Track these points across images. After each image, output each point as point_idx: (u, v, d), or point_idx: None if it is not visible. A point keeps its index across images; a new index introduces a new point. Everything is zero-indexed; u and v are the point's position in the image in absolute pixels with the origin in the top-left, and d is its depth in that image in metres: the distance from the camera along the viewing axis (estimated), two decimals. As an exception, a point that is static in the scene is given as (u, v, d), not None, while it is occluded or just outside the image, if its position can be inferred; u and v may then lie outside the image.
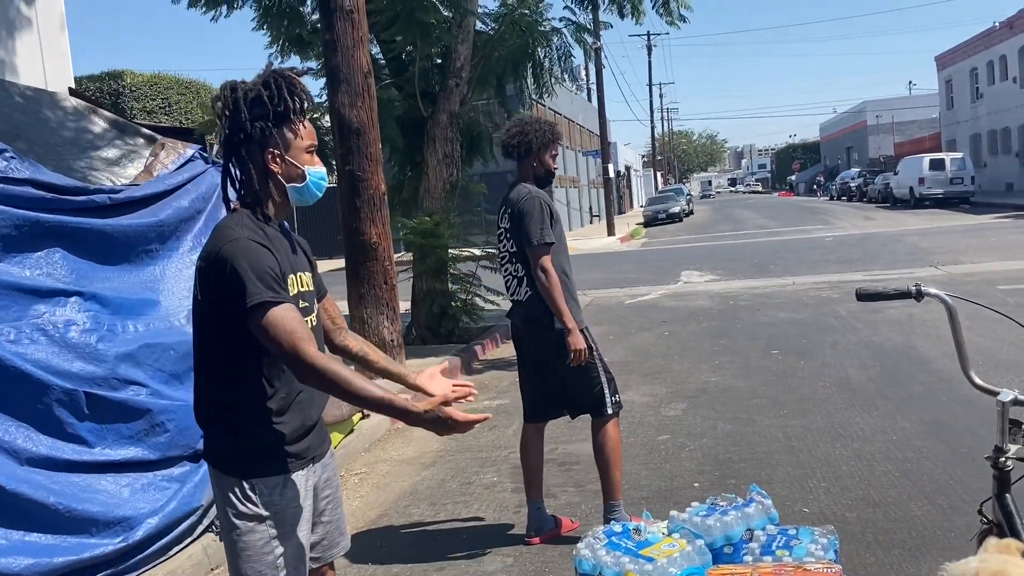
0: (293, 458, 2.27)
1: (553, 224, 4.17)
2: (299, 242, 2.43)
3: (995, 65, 38.48)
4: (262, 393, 2.21)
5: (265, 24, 10.54)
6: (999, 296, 10.03)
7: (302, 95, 2.24)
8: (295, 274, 2.28)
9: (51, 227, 3.90)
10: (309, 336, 2.12)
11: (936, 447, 5.10)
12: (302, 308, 2.26)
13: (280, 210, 2.32)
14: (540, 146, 4.26)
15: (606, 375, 4.21)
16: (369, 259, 7.97)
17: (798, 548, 3.18)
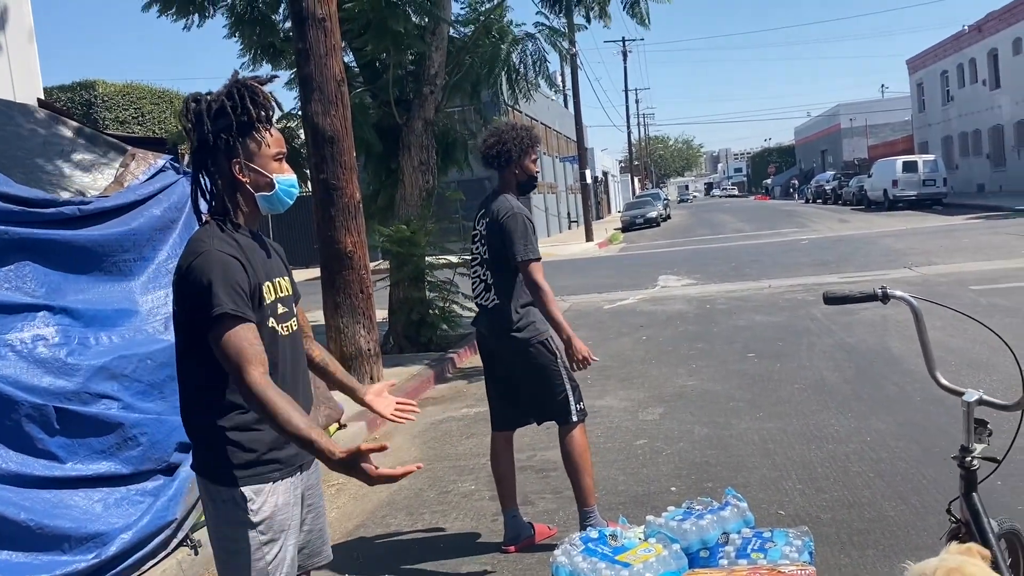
0: (280, 465, 2.27)
1: (534, 230, 4.19)
2: (274, 247, 2.44)
3: (965, 68, 39.03)
4: None
5: (237, 32, 10.50)
6: (971, 296, 10.15)
7: (266, 103, 2.24)
8: (271, 280, 2.28)
9: (20, 240, 3.86)
10: (258, 359, 2.11)
11: (909, 447, 5.15)
12: (281, 313, 2.29)
13: (251, 218, 2.32)
14: (520, 153, 4.25)
15: (571, 383, 4.17)
16: (344, 268, 7.95)
17: (773, 551, 3.20)
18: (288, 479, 2.30)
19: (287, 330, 2.33)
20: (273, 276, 2.31)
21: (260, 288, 2.22)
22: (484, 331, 4.33)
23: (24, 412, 3.47)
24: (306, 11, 7.67)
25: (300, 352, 2.42)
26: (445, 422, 7.00)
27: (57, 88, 21.14)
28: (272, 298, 2.27)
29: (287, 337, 2.32)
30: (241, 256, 2.19)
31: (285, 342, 2.31)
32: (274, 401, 2.08)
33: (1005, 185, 34.73)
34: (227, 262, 2.14)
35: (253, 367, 2.09)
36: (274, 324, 2.27)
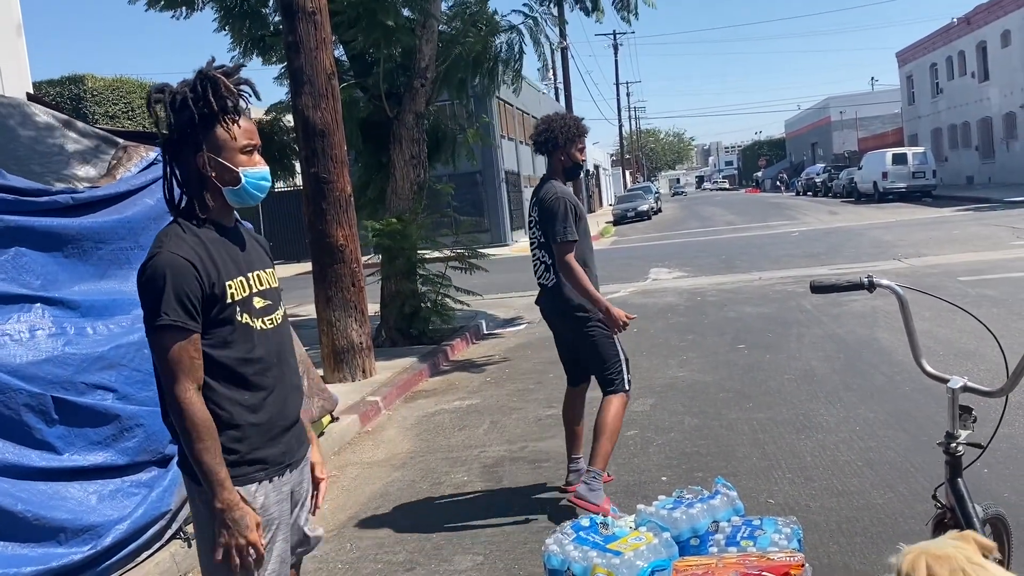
0: (266, 465, 2.23)
1: (578, 221, 4.51)
2: (256, 240, 2.41)
3: (954, 61, 39.16)
4: (224, 401, 2.18)
5: (227, 25, 10.47)
6: (960, 287, 10.21)
7: (229, 95, 2.17)
8: (245, 276, 2.24)
9: (15, 229, 3.86)
10: (193, 375, 2.09)
11: (898, 436, 5.20)
12: (261, 307, 2.25)
13: (223, 212, 2.27)
14: (566, 140, 4.59)
15: (624, 355, 4.55)
16: (336, 261, 7.96)
17: (762, 538, 3.24)
18: (276, 478, 2.26)
19: (269, 323, 2.28)
20: (251, 270, 2.26)
21: (224, 286, 2.16)
22: (546, 309, 4.70)
23: (23, 401, 3.47)
24: (296, 4, 7.66)
25: (286, 345, 2.35)
26: (438, 414, 7.02)
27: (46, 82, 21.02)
28: (244, 293, 2.21)
29: (268, 331, 2.26)
30: (199, 256, 2.14)
31: (265, 336, 2.25)
32: (195, 427, 2.06)
33: (994, 177, 34.90)
34: (177, 267, 2.09)
35: (184, 382, 2.07)
36: (248, 319, 2.21)
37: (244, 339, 2.20)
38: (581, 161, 4.70)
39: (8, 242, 3.82)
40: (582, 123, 4.72)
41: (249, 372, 2.20)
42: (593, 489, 4.28)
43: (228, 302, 2.17)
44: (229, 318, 2.18)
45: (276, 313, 2.31)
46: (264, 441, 2.22)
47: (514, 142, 33.86)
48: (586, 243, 4.62)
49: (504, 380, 8.08)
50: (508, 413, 6.80)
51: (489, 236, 27.20)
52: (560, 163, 4.65)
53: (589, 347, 4.53)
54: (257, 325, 2.24)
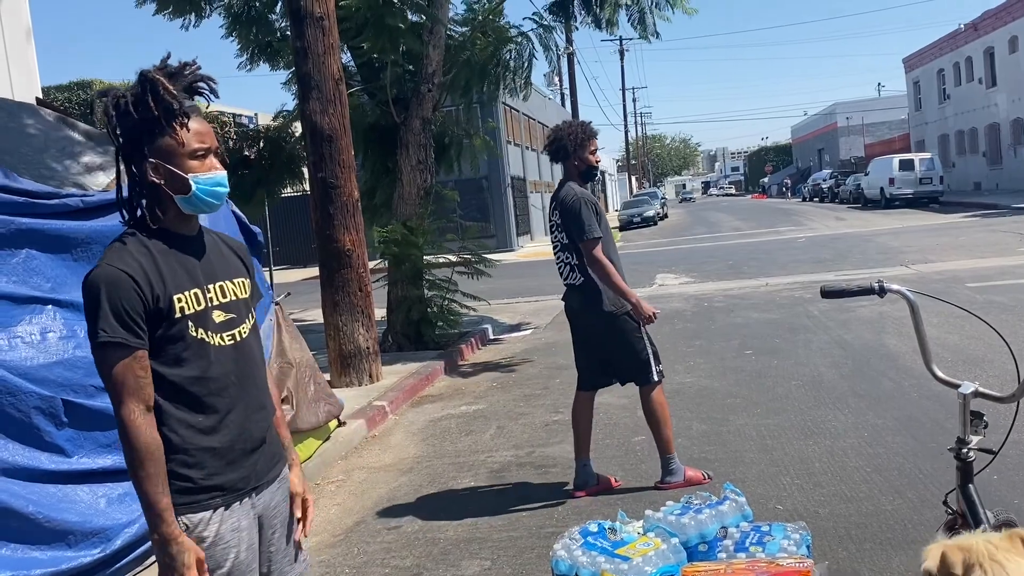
0: (223, 492, 2.09)
1: (600, 218, 4.73)
2: (227, 248, 2.27)
3: (961, 66, 39.09)
4: (175, 423, 2.04)
5: (234, 32, 10.53)
6: (968, 293, 10.18)
7: (171, 97, 2.02)
8: (210, 285, 2.11)
9: (26, 231, 3.87)
10: (138, 394, 1.97)
11: (906, 442, 5.18)
12: (221, 321, 2.11)
13: (179, 220, 2.12)
14: (575, 146, 4.84)
15: (651, 347, 4.79)
16: (343, 266, 7.97)
17: (771, 544, 3.23)
18: (236, 504, 2.12)
19: (229, 339, 2.12)
20: (212, 281, 2.12)
21: (170, 300, 2.01)
22: (576, 307, 4.87)
23: (33, 404, 3.48)
24: (304, 10, 7.69)
25: (252, 362, 2.19)
26: (444, 419, 7.02)
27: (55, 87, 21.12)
28: (198, 307, 2.06)
29: (228, 347, 2.11)
30: (142, 268, 2.00)
31: (223, 353, 2.10)
32: (138, 449, 1.94)
33: (1001, 183, 34.79)
34: (113, 280, 1.97)
35: (129, 403, 1.96)
36: (203, 335, 2.07)
37: (198, 356, 2.06)
38: (595, 163, 4.92)
39: (19, 244, 3.83)
40: (589, 126, 4.95)
41: (203, 392, 2.06)
42: (673, 472, 4.75)
43: (177, 316, 2.02)
44: (180, 334, 2.04)
45: (241, 327, 2.16)
46: (221, 466, 2.08)
47: (520, 147, 33.90)
48: (609, 243, 4.79)
49: (511, 385, 8.07)
50: (515, 418, 6.79)
51: (495, 241, 27.21)
52: (575, 168, 4.88)
53: (619, 343, 4.73)
54: (214, 341, 2.09)
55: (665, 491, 4.69)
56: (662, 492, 4.68)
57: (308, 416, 5.60)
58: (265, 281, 5.83)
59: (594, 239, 4.66)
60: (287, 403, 5.39)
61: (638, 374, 4.80)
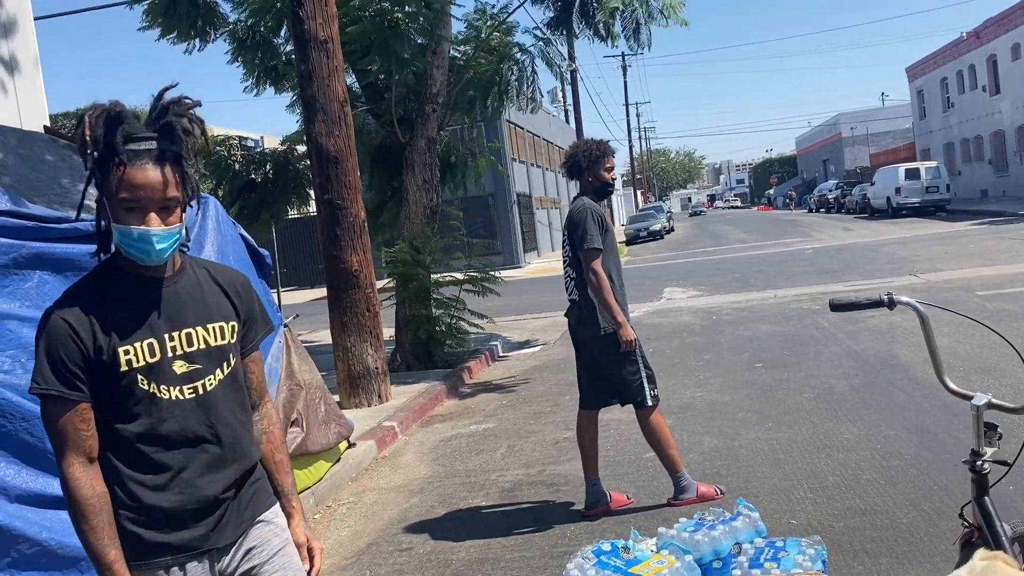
0: (171, 552, 1.94)
1: (604, 233, 4.72)
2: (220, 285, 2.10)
3: (964, 75, 39.12)
4: (126, 478, 1.92)
5: (239, 57, 10.60)
6: (977, 302, 10.13)
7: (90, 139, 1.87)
8: (173, 333, 1.95)
9: (38, 255, 3.88)
10: (79, 448, 1.86)
11: (920, 454, 5.14)
12: (185, 372, 1.96)
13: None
14: (589, 163, 4.88)
15: (646, 371, 4.74)
16: (351, 287, 7.98)
17: (786, 560, 3.20)
18: (194, 563, 1.97)
19: (191, 392, 1.96)
20: (177, 328, 1.96)
21: (114, 352, 1.87)
22: (573, 322, 4.89)
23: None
24: (308, 33, 7.75)
25: (218, 416, 2.01)
26: (454, 439, 7.00)
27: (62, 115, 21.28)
28: (149, 359, 1.91)
29: (188, 401, 1.96)
30: (85, 317, 1.88)
31: (181, 407, 1.95)
32: (78, 503, 1.85)
33: (1008, 190, 34.72)
34: (55, 330, 1.87)
35: (68, 456, 1.86)
36: (154, 388, 1.92)
37: (147, 412, 1.91)
38: (609, 180, 4.94)
39: (32, 268, 3.84)
40: (605, 144, 4.98)
41: (151, 449, 1.92)
42: (685, 488, 4.72)
43: (123, 370, 1.89)
44: (127, 387, 1.90)
45: (207, 379, 1.99)
46: (172, 525, 1.94)
47: (525, 164, 34.00)
48: (612, 258, 4.79)
49: (520, 403, 8.05)
50: (525, 436, 6.77)
51: (502, 258, 27.24)
52: (589, 184, 4.90)
53: (614, 360, 4.71)
54: (170, 394, 1.93)
55: (678, 508, 4.66)
56: (675, 509, 4.65)
57: (318, 438, 5.59)
58: (274, 303, 5.84)
59: (594, 249, 4.65)
60: (297, 425, 5.38)
61: (632, 396, 4.77)
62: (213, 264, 2.20)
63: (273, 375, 5.23)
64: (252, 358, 2.20)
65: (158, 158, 1.88)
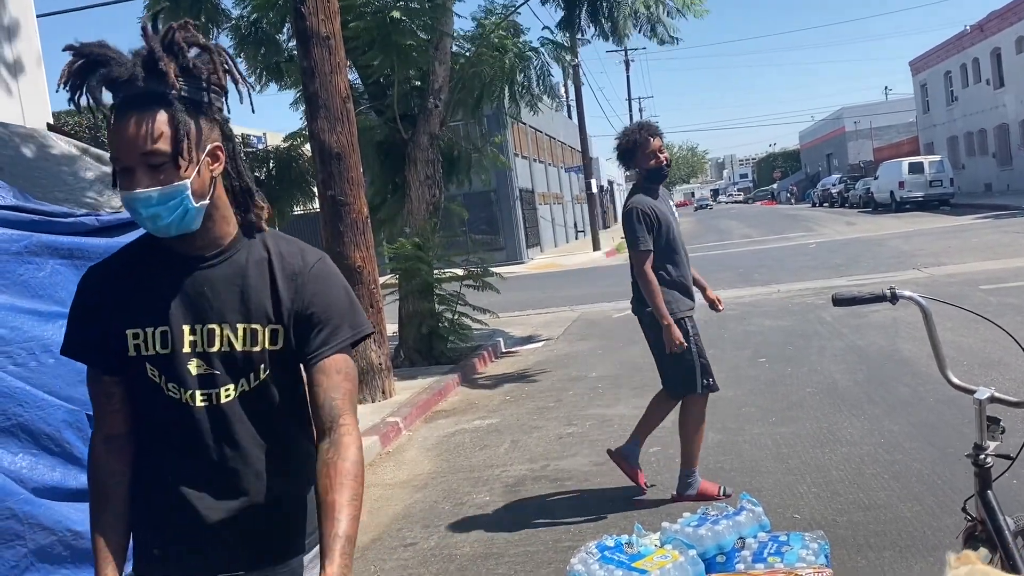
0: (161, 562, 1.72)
1: (659, 224, 4.68)
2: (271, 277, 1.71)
3: (968, 68, 39.00)
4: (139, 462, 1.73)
5: (241, 53, 10.60)
6: (981, 296, 10.12)
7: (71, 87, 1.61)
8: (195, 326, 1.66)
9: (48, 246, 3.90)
10: (100, 419, 1.71)
11: (924, 448, 5.14)
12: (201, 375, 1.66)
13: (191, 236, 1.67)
14: (633, 150, 4.79)
15: (700, 360, 4.75)
16: (354, 283, 7.98)
17: (789, 554, 3.21)
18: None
19: (203, 399, 1.67)
20: (200, 321, 1.66)
21: (121, 334, 1.65)
22: (634, 308, 4.92)
23: (61, 418, 3.50)
24: (310, 30, 7.74)
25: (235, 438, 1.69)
26: (458, 434, 7.01)
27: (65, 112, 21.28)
28: (161, 350, 1.65)
29: (200, 409, 1.67)
30: (102, 288, 1.69)
31: (193, 415, 1.67)
32: (90, 483, 1.70)
33: (1012, 184, 34.64)
34: (78, 293, 1.73)
35: (95, 429, 1.72)
36: (163, 383, 1.66)
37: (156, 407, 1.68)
38: (653, 165, 4.80)
39: (45, 257, 3.85)
40: (649, 126, 4.90)
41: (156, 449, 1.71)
42: (690, 485, 4.74)
43: (131, 354, 1.65)
44: (139, 376, 1.67)
45: (223, 389, 1.67)
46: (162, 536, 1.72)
47: (528, 160, 33.98)
48: (668, 243, 4.72)
49: (523, 398, 8.06)
50: (529, 431, 6.78)
51: (505, 254, 27.26)
52: (640, 174, 4.88)
53: (659, 344, 4.72)
54: (180, 396, 1.66)
55: (681, 503, 4.67)
56: (678, 504, 4.65)
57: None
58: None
59: (641, 252, 4.65)
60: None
61: (682, 383, 4.78)
62: (287, 242, 1.78)
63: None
64: (322, 368, 1.70)
65: (141, 103, 1.55)
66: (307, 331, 1.70)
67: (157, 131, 1.55)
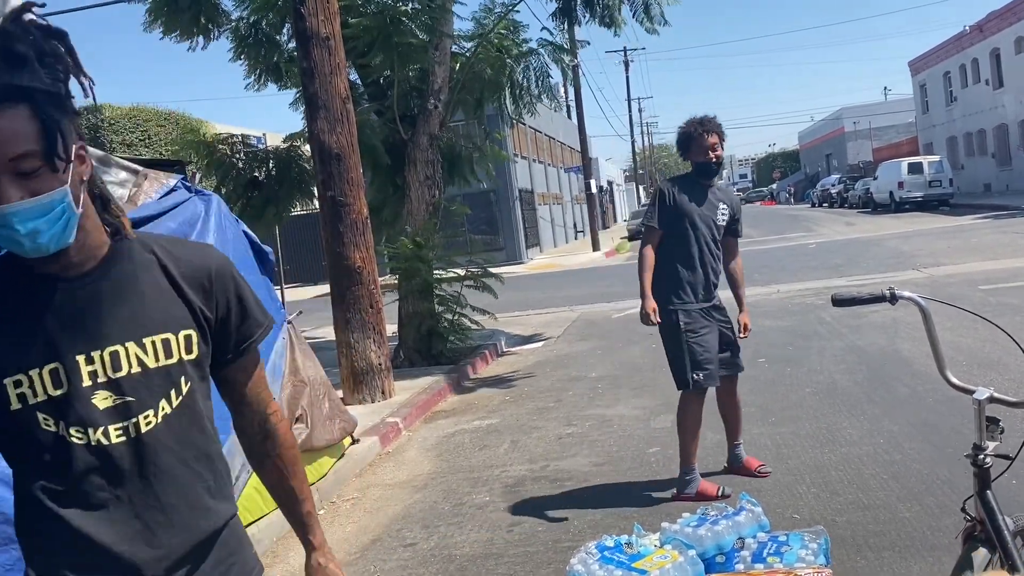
0: None
1: (676, 212, 4.71)
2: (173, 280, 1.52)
3: (967, 68, 39.03)
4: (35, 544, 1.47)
5: (242, 54, 10.61)
6: (980, 296, 10.13)
7: None
8: (90, 354, 1.41)
9: None
10: None
11: (923, 448, 5.15)
12: (109, 408, 1.42)
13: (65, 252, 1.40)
14: (690, 142, 4.85)
15: (690, 355, 4.71)
16: (354, 283, 7.99)
17: (789, 554, 3.21)
18: None
19: (119, 435, 1.42)
20: (94, 347, 1.42)
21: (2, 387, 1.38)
22: None
23: None
24: (310, 31, 7.75)
25: (164, 467, 1.47)
26: (457, 434, 7.02)
27: (64, 113, 21.27)
28: (52, 392, 1.39)
29: (117, 447, 1.42)
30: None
31: (109, 456, 1.42)
32: None
33: (1012, 184, 34.65)
34: None
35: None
36: (62, 430, 1.40)
37: (58, 463, 1.41)
38: (702, 160, 4.82)
39: None
40: (702, 121, 4.88)
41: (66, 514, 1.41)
42: (688, 483, 4.75)
43: (13, 408, 1.38)
44: (26, 431, 1.40)
45: (143, 415, 1.44)
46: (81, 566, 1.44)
47: (528, 160, 33.98)
48: (681, 238, 4.74)
49: (523, 398, 8.06)
50: (528, 432, 6.78)
51: (504, 254, 27.26)
52: (694, 163, 4.91)
53: (663, 335, 4.86)
54: (88, 439, 1.40)
55: (681, 503, 4.67)
56: (678, 504, 4.66)
57: (323, 434, 5.61)
58: (277, 300, 5.86)
59: (647, 227, 4.80)
60: (301, 421, 5.40)
61: (675, 375, 4.83)
62: (174, 244, 1.60)
63: (277, 372, 5.24)
64: (242, 365, 1.63)
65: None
66: (223, 331, 1.58)
67: (23, 130, 1.31)
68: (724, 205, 4.90)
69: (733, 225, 5.01)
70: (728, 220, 4.92)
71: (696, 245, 4.76)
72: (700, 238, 4.77)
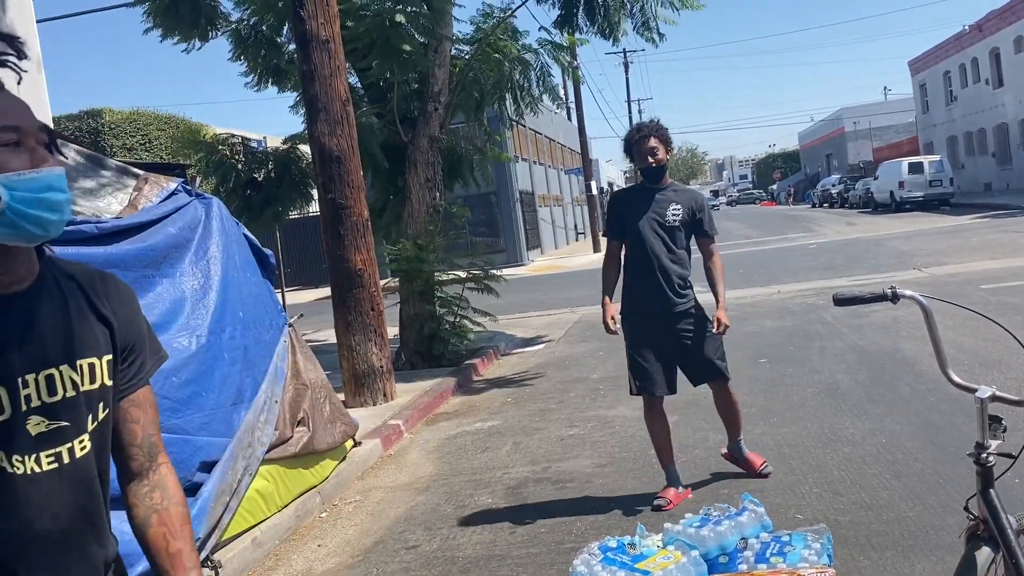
0: None
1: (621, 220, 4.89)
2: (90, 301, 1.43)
3: (967, 68, 39.05)
4: None
5: (241, 55, 10.61)
6: (981, 295, 10.13)
7: None
8: (26, 377, 1.31)
9: None
10: None
11: (925, 447, 5.14)
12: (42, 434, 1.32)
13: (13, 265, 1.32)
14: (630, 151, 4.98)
15: (630, 364, 4.90)
16: (355, 286, 7.99)
17: (792, 554, 3.22)
18: None
19: (51, 462, 1.32)
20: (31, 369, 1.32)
21: None
22: None
23: None
24: (310, 33, 7.75)
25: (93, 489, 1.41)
26: (459, 436, 7.02)
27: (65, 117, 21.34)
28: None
29: (50, 474, 1.32)
30: None
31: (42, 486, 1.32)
32: None
33: (1012, 183, 34.66)
34: None
35: None
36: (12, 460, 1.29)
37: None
38: (645, 165, 4.90)
39: None
40: (644, 127, 5.02)
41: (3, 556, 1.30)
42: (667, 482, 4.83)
43: None
44: None
45: (76, 441, 1.36)
46: None
47: (528, 162, 33.99)
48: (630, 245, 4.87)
49: (525, 400, 8.06)
50: (530, 433, 6.78)
51: (505, 256, 27.25)
52: (638, 170, 5.06)
53: None
54: (24, 468, 1.30)
55: (682, 504, 4.67)
56: (680, 505, 4.66)
57: (324, 437, 5.60)
58: (278, 303, 5.86)
59: (607, 236, 5.07)
60: (303, 424, 5.40)
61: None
62: (86, 269, 1.49)
63: (279, 375, 5.24)
64: (135, 400, 1.49)
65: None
66: (123, 360, 1.46)
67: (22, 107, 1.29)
68: (676, 205, 4.87)
69: (698, 225, 5.01)
70: (684, 219, 4.89)
71: (644, 253, 4.82)
72: (648, 246, 4.80)
